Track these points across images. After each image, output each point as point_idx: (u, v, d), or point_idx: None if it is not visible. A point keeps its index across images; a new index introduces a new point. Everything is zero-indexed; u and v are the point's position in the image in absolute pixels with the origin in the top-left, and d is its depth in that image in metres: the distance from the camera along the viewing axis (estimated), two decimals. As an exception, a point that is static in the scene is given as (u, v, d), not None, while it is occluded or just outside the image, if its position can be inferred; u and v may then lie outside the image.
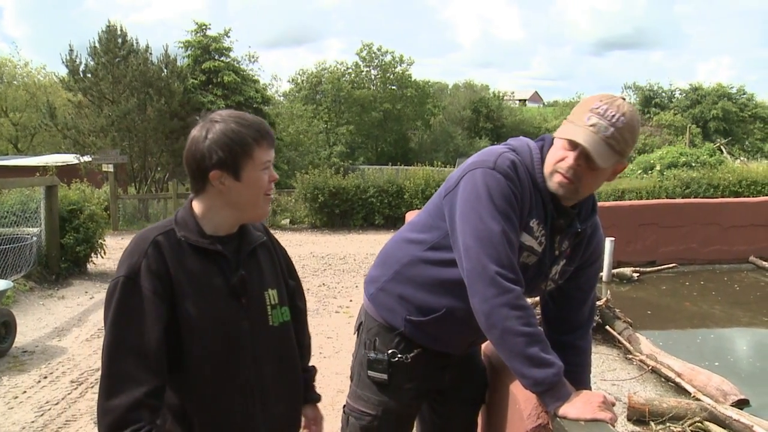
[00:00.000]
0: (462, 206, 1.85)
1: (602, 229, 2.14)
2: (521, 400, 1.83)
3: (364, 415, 2.11)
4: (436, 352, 2.08)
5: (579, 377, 2.01)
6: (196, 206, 1.68)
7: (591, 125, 1.74)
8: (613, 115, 1.73)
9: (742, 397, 4.93)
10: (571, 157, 1.79)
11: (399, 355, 2.06)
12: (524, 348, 1.71)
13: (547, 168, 1.86)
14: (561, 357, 1.99)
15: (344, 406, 2.21)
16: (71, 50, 18.63)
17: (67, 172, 15.70)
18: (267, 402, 1.72)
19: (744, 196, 13.76)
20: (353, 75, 44.14)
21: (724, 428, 4.44)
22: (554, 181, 1.84)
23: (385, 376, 2.07)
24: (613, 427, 1.67)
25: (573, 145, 1.78)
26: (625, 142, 1.76)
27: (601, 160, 1.74)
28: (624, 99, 1.80)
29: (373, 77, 44.87)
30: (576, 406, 1.68)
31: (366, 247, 12.95)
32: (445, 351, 2.09)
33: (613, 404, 1.75)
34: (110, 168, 15.78)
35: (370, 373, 2.09)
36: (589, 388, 2.02)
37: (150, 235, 1.61)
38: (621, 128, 1.73)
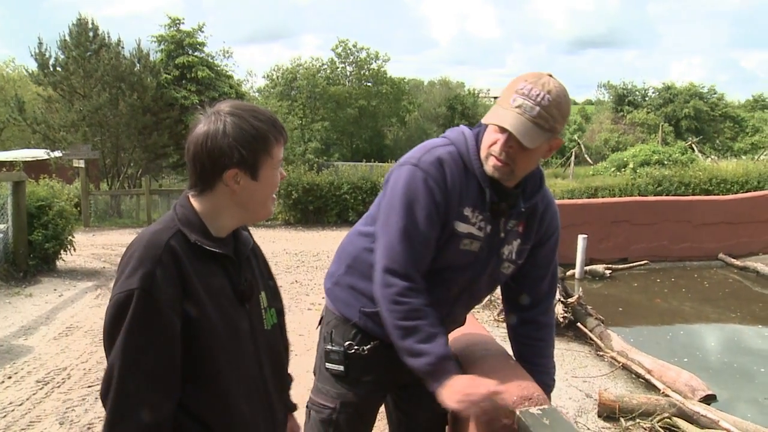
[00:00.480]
0: (385, 200, 1.94)
1: (577, 225, 2.15)
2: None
3: (324, 408, 2.12)
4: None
5: (542, 351, 2.10)
6: (199, 205, 1.54)
7: (517, 107, 1.77)
8: (538, 94, 1.75)
9: (710, 392, 4.98)
10: (501, 140, 1.82)
11: (355, 347, 2.08)
12: (400, 340, 1.85)
13: (483, 152, 1.90)
14: (524, 332, 2.11)
15: (308, 400, 2.20)
16: (40, 43, 18.34)
17: (36, 168, 15.43)
18: (272, 407, 1.69)
19: (714, 194, 13.95)
20: (328, 71, 43.98)
21: (691, 423, 4.49)
22: (489, 165, 1.87)
23: (341, 368, 2.09)
24: (482, 418, 1.77)
25: (501, 129, 1.80)
26: (554, 119, 1.78)
27: (530, 142, 1.77)
28: (551, 75, 1.81)
29: (348, 74, 44.75)
30: (450, 390, 1.78)
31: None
32: None
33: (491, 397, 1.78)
34: (81, 163, 15.55)
35: (327, 365, 2.11)
36: (553, 364, 2.12)
37: (161, 239, 1.46)
38: (547, 106, 1.75)
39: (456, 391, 1.75)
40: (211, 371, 1.50)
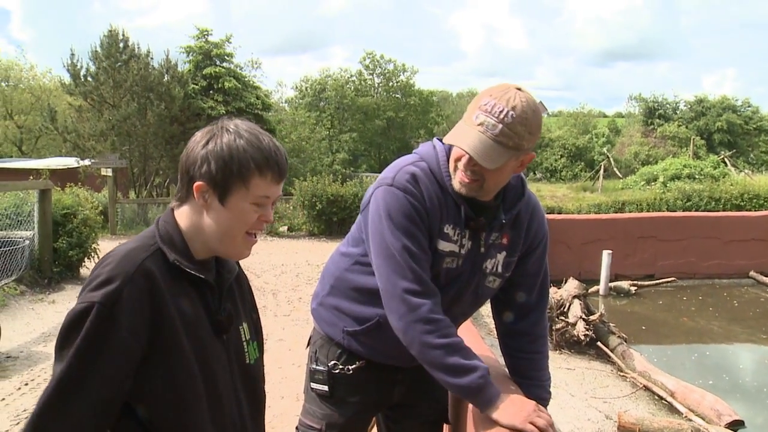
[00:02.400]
0: (370, 226, 1.86)
1: (603, 241, 2.06)
2: (480, 419, 1.77)
3: (310, 429, 2.08)
4: (382, 365, 2.04)
5: (537, 364, 2.00)
6: (181, 220, 1.44)
7: (479, 124, 1.68)
8: (501, 110, 1.66)
9: (737, 417, 4.82)
10: (465, 158, 1.74)
11: (340, 367, 2.03)
12: (444, 359, 1.72)
13: (451, 167, 1.82)
14: (516, 345, 2.01)
15: (298, 422, 2.16)
16: (72, 54, 18.69)
17: (67, 176, 15.67)
18: None
19: (746, 210, 13.65)
20: (357, 83, 44.19)
21: (715, 450, 4.34)
22: (456, 180, 1.80)
23: (326, 388, 2.04)
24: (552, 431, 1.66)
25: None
26: (518, 137, 1.68)
27: (490, 162, 1.68)
28: (519, 89, 1.71)
29: (376, 85, 44.92)
30: (508, 412, 1.67)
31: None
32: (390, 363, 2.04)
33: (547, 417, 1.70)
34: (109, 172, 15.74)
35: (313, 385, 2.07)
36: (549, 377, 2.02)
37: (136, 258, 1.33)
38: (510, 123, 1.65)
39: (524, 407, 1.68)
40: (179, 406, 1.37)
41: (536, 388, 1.94)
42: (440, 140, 1.90)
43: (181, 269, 1.39)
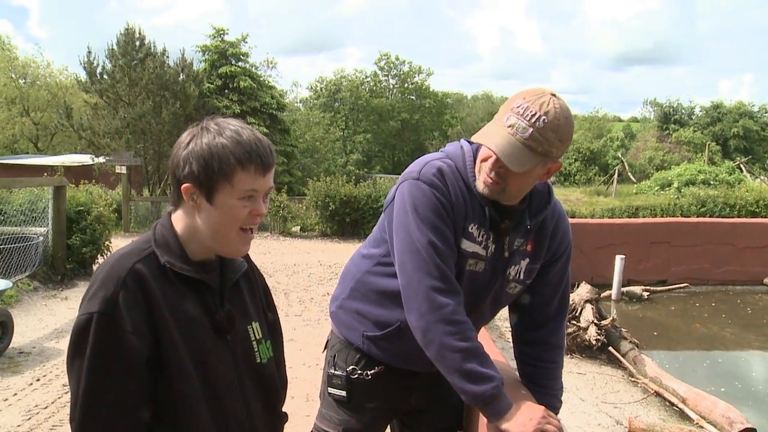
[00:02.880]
0: (395, 221, 1.82)
1: (616, 246, 2.03)
2: (492, 426, 1.75)
3: None
4: (401, 370, 2.00)
5: (551, 374, 1.97)
6: (177, 223, 1.45)
7: (509, 126, 1.65)
8: (534, 115, 1.63)
9: (749, 425, 4.76)
10: (491, 159, 1.72)
11: (359, 372, 2.00)
12: (461, 363, 1.68)
13: (477, 167, 1.79)
14: (532, 353, 1.98)
15: (312, 427, 2.13)
16: (89, 52, 18.85)
17: (81, 173, 15.78)
18: None
19: (761, 217, 13.52)
20: (372, 84, 44.25)
21: (727, 458, 4.30)
22: (480, 181, 1.77)
23: (344, 393, 2.00)
24: None
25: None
26: (548, 143, 1.64)
27: (517, 165, 1.65)
28: (554, 95, 1.67)
29: (391, 86, 44.95)
30: (518, 422, 1.64)
31: (375, 256, 12.82)
32: (409, 368, 2.00)
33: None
34: (123, 170, 15.83)
35: (330, 389, 2.04)
36: (561, 386, 1.99)
37: (127, 263, 1.36)
38: (542, 129, 1.62)
39: (533, 416, 1.65)
40: (177, 406, 1.38)
41: (548, 397, 1.91)
42: (468, 141, 1.88)
43: (173, 271, 1.39)
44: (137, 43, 19.39)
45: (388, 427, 2.23)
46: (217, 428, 1.44)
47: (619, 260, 8.95)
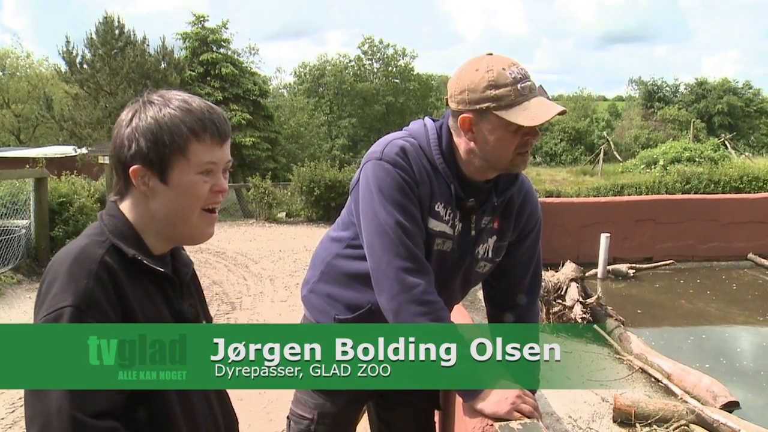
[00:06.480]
0: (361, 203, 1.79)
1: (601, 224, 2.01)
2: (468, 406, 1.73)
3: (302, 419, 2.04)
4: None
5: None
6: (129, 213, 1.29)
7: (530, 91, 1.67)
8: (521, 71, 1.67)
9: (732, 399, 4.82)
10: (536, 134, 1.71)
11: None
12: None
13: (511, 148, 1.71)
14: None
15: (289, 411, 2.12)
16: (68, 42, 18.61)
17: (64, 164, 15.61)
18: None
19: (745, 192, 13.61)
20: (356, 68, 44.03)
21: (710, 432, 4.34)
22: (522, 161, 1.74)
23: None
24: (538, 417, 1.62)
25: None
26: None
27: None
28: (491, 54, 1.73)
29: (375, 70, 44.75)
30: (492, 401, 1.62)
31: (361, 241, 12.83)
32: None
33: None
34: (106, 160, 15.66)
35: None
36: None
37: (94, 253, 1.21)
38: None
39: (507, 395, 1.61)
40: (149, 402, 1.27)
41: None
42: (432, 119, 1.86)
43: (138, 265, 1.25)
44: (116, 32, 19.16)
45: (365, 411, 2.23)
46: (187, 421, 1.36)
47: (604, 238, 8.98)
